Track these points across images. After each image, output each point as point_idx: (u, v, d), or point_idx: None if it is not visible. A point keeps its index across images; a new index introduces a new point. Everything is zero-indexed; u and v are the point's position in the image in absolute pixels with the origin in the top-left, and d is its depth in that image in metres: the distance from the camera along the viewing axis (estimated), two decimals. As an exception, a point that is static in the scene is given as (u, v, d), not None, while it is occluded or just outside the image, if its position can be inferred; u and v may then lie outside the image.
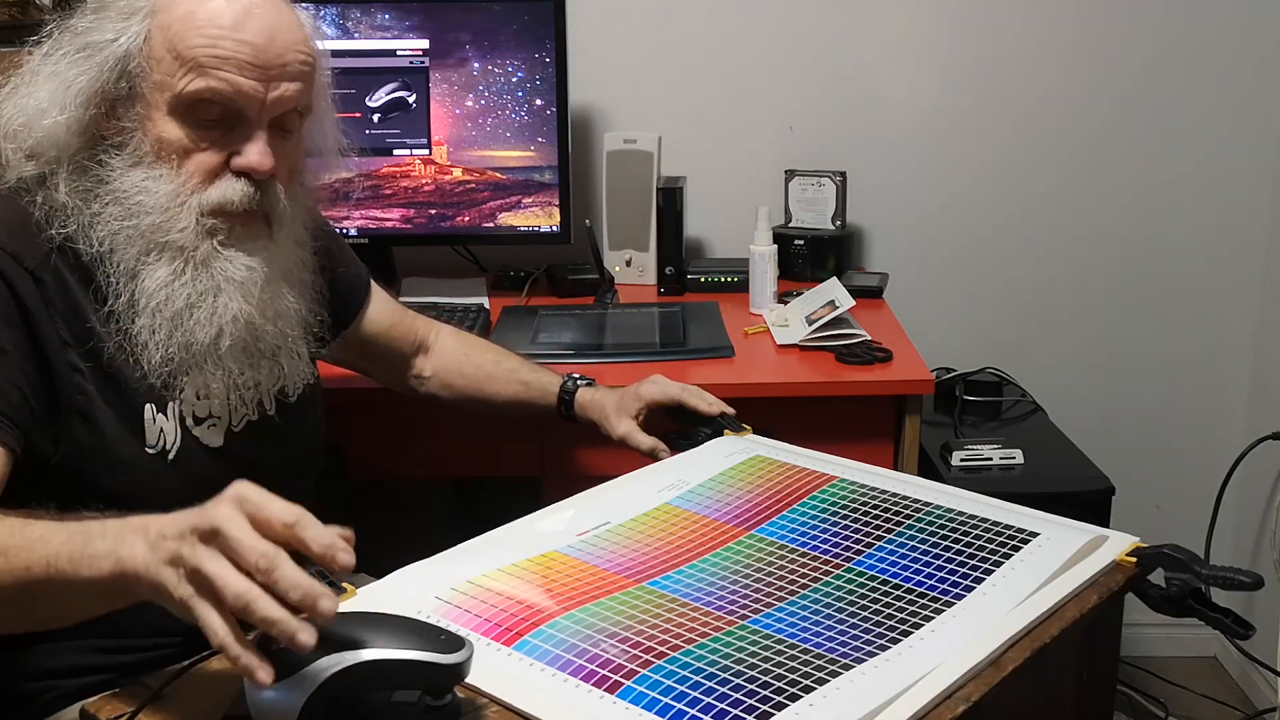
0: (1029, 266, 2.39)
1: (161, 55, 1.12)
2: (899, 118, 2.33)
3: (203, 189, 1.14)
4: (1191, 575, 1.04)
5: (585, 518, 1.19)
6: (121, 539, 0.89)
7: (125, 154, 1.14)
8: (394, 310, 1.57)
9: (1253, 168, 2.34)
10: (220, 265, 1.16)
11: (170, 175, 1.14)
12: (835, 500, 1.20)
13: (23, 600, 0.94)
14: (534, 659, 0.93)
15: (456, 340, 1.63)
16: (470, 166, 2.11)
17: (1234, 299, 2.40)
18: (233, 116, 1.14)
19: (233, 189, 1.15)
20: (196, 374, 1.18)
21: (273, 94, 1.15)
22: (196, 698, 0.91)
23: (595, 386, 1.56)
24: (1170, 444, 2.46)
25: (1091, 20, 2.28)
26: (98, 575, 0.89)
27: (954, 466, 1.91)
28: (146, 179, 1.13)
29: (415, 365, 1.60)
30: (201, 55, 1.11)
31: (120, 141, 1.14)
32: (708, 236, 2.37)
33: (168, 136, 1.13)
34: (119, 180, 1.13)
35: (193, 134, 1.14)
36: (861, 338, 1.85)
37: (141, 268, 1.14)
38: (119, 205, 1.13)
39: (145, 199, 1.13)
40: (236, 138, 1.15)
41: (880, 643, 0.94)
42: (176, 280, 1.14)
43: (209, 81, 1.12)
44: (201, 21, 1.12)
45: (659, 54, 2.30)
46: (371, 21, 2.05)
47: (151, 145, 1.14)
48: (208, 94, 1.12)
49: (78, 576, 0.90)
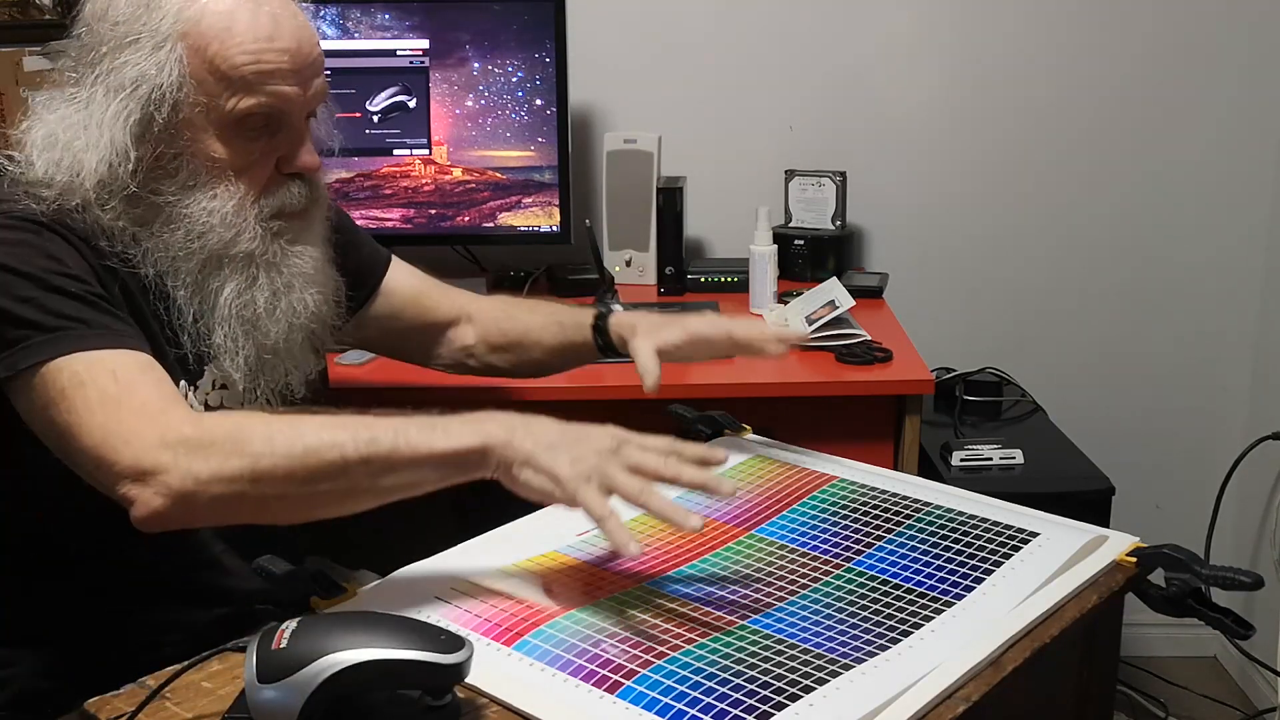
0: (1029, 267, 2.39)
1: (203, 77, 1.13)
2: (899, 118, 2.33)
3: (261, 198, 1.17)
4: (1191, 575, 1.04)
5: (585, 518, 1.18)
6: (481, 420, 1.04)
7: (177, 179, 1.15)
8: (421, 281, 1.52)
9: (1253, 168, 2.34)
10: (292, 261, 1.20)
11: (229, 192, 1.15)
12: (835, 500, 1.20)
13: (355, 474, 1.01)
14: (534, 659, 0.93)
15: (495, 303, 1.57)
16: (470, 166, 2.11)
17: (1234, 299, 2.40)
18: (275, 123, 1.17)
19: (289, 193, 1.19)
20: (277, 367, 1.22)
21: (309, 92, 1.18)
22: (196, 698, 0.91)
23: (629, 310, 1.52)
24: (1170, 444, 2.46)
25: (1091, 21, 2.28)
26: (454, 446, 1.02)
27: (954, 466, 1.91)
28: (208, 200, 1.15)
29: (455, 336, 1.53)
30: (249, 73, 1.12)
31: (171, 169, 1.15)
32: (708, 236, 2.37)
33: (218, 155, 1.15)
34: (177, 206, 1.15)
35: (242, 149, 1.16)
36: (861, 338, 1.85)
37: (210, 280, 1.16)
38: (183, 229, 1.15)
39: (211, 219, 1.15)
40: (281, 141, 1.18)
41: (880, 643, 0.94)
42: (252, 287, 1.17)
43: (259, 98, 1.13)
44: (240, 38, 1.12)
45: (659, 54, 2.30)
46: (371, 21, 2.05)
47: (204, 166, 1.15)
48: (259, 109, 1.14)
49: (432, 447, 1.02)
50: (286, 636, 0.84)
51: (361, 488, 1.03)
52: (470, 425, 1.03)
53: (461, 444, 1.02)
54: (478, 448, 1.02)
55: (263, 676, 0.82)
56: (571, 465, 1.00)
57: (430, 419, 1.03)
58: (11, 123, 1.26)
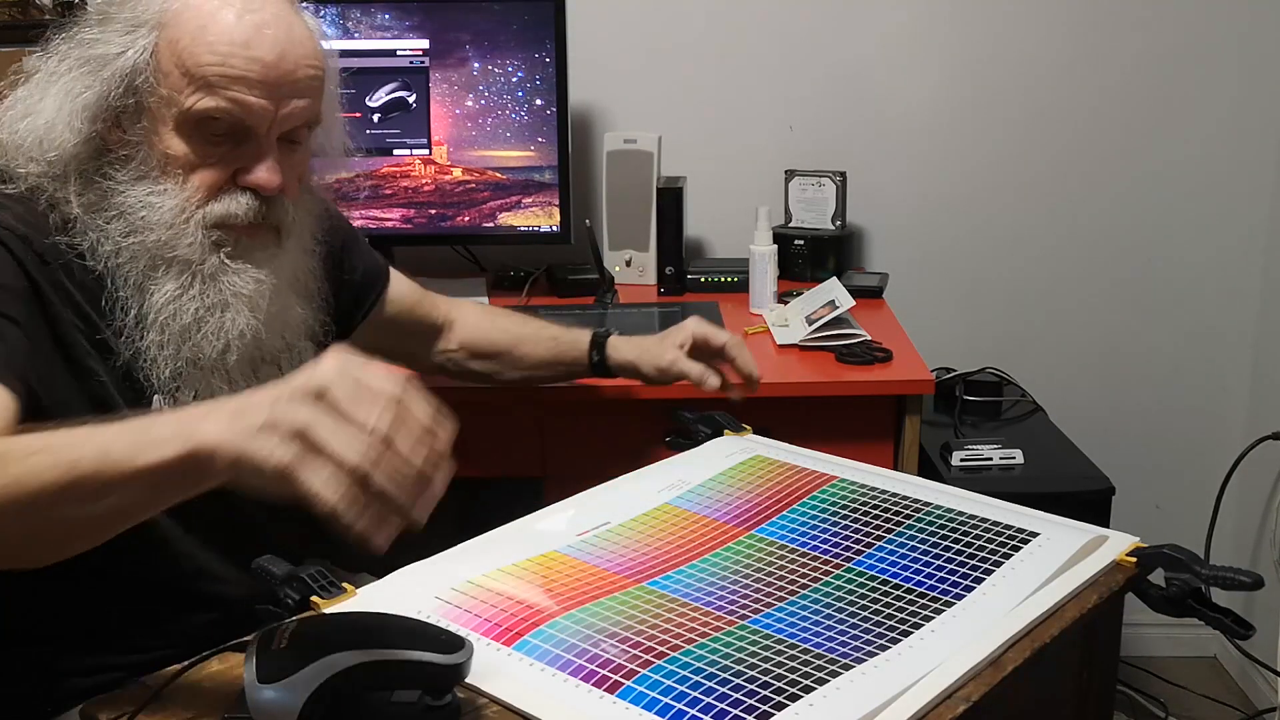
0: (1029, 266, 2.39)
1: (169, 70, 1.11)
2: (899, 118, 2.33)
3: (207, 203, 1.14)
4: (1191, 575, 1.04)
5: (585, 518, 1.19)
6: (189, 419, 0.84)
7: (130, 168, 1.13)
8: (415, 290, 1.55)
9: (1253, 167, 2.34)
10: (229, 279, 1.15)
11: (175, 190, 1.13)
12: (835, 500, 1.20)
13: (62, 507, 0.86)
14: (534, 659, 0.93)
15: (479, 310, 1.62)
16: (470, 166, 2.11)
17: (1234, 298, 2.40)
18: (240, 133, 1.14)
19: (237, 203, 1.15)
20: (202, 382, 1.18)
21: (283, 110, 1.14)
22: (196, 698, 0.91)
23: (624, 337, 1.56)
24: (1170, 444, 2.46)
25: (1090, 20, 2.28)
26: (161, 460, 0.83)
27: (954, 466, 1.91)
28: (150, 194, 1.13)
29: (440, 343, 1.58)
30: (211, 73, 1.10)
31: (126, 155, 1.13)
32: (708, 236, 2.37)
33: (173, 152, 1.13)
34: (123, 195, 1.13)
35: (199, 149, 1.13)
36: (861, 338, 1.85)
37: (149, 283, 1.14)
38: (123, 220, 1.13)
39: (149, 214, 1.12)
40: (244, 153, 1.15)
41: (880, 643, 0.94)
42: (184, 294, 1.14)
43: (217, 100, 1.11)
44: (212, 38, 1.11)
45: (659, 54, 2.30)
46: (371, 21, 2.05)
47: (157, 159, 1.13)
48: (216, 112, 1.11)
49: (136, 465, 0.84)
50: (286, 636, 0.84)
51: (71, 518, 0.88)
52: (181, 428, 0.84)
53: (165, 457, 0.83)
54: (185, 458, 0.83)
55: (263, 676, 0.82)
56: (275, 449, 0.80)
57: (146, 422, 0.86)
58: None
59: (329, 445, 0.79)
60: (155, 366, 1.15)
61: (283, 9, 1.15)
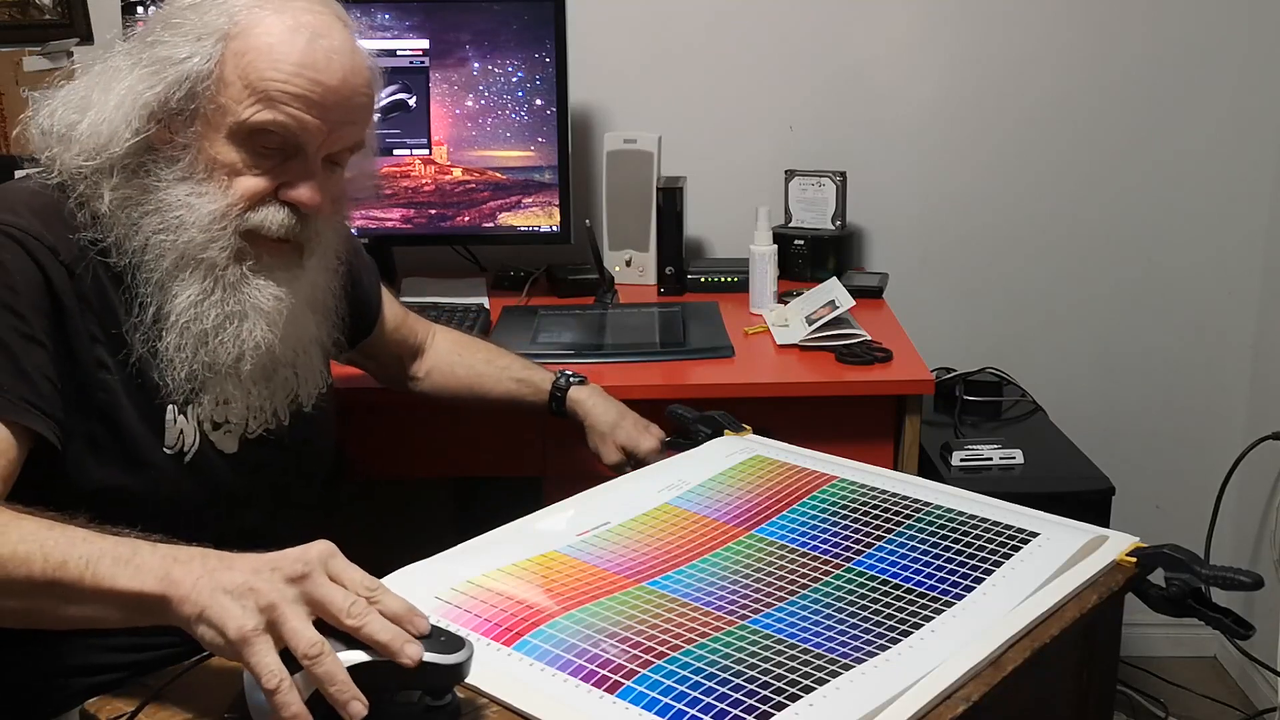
0: (1029, 266, 2.39)
1: (232, 80, 1.13)
2: (899, 117, 2.33)
3: (245, 212, 1.15)
4: (1191, 575, 1.05)
5: (585, 518, 1.19)
6: (175, 559, 0.90)
7: (176, 168, 1.14)
8: (398, 312, 1.59)
9: (1253, 168, 2.34)
10: (249, 292, 1.17)
11: (217, 195, 1.14)
12: (835, 500, 1.20)
13: (38, 596, 0.93)
14: (534, 659, 0.93)
15: (451, 341, 1.64)
16: (470, 166, 2.11)
17: (1234, 299, 2.40)
18: (291, 149, 1.16)
19: (274, 216, 1.16)
20: (217, 387, 1.20)
21: (334, 133, 1.16)
22: (196, 698, 0.91)
23: (588, 386, 1.58)
24: (1170, 444, 2.46)
25: (1091, 20, 2.28)
26: (138, 588, 0.89)
27: (954, 466, 1.91)
28: (192, 195, 1.14)
29: (413, 366, 1.62)
30: (274, 89, 1.12)
31: (173, 156, 1.15)
32: (708, 236, 2.37)
33: (222, 158, 1.14)
34: (164, 192, 1.14)
35: (248, 159, 1.15)
36: (861, 338, 1.85)
37: (173, 282, 1.15)
38: (159, 216, 1.14)
39: (187, 214, 1.14)
40: (290, 169, 1.16)
41: (880, 643, 0.94)
42: (206, 300, 1.15)
43: (275, 115, 1.13)
44: (279, 56, 1.12)
45: (659, 54, 2.30)
46: (371, 21, 2.04)
47: (204, 163, 1.14)
48: (272, 125, 1.13)
49: (114, 584, 0.90)
50: (287, 636, 0.84)
51: (43, 611, 0.95)
52: (163, 564, 0.90)
53: (142, 588, 0.90)
54: (157, 595, 0.89)
55: (263, 677, 0.82)
56: (241, 616, 0.84)
57: (135, 546, 0.92)
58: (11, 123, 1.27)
59: (288, 626, 0.83)
60: (171, 367, 1.16)
61: (347, 36, 1.18)
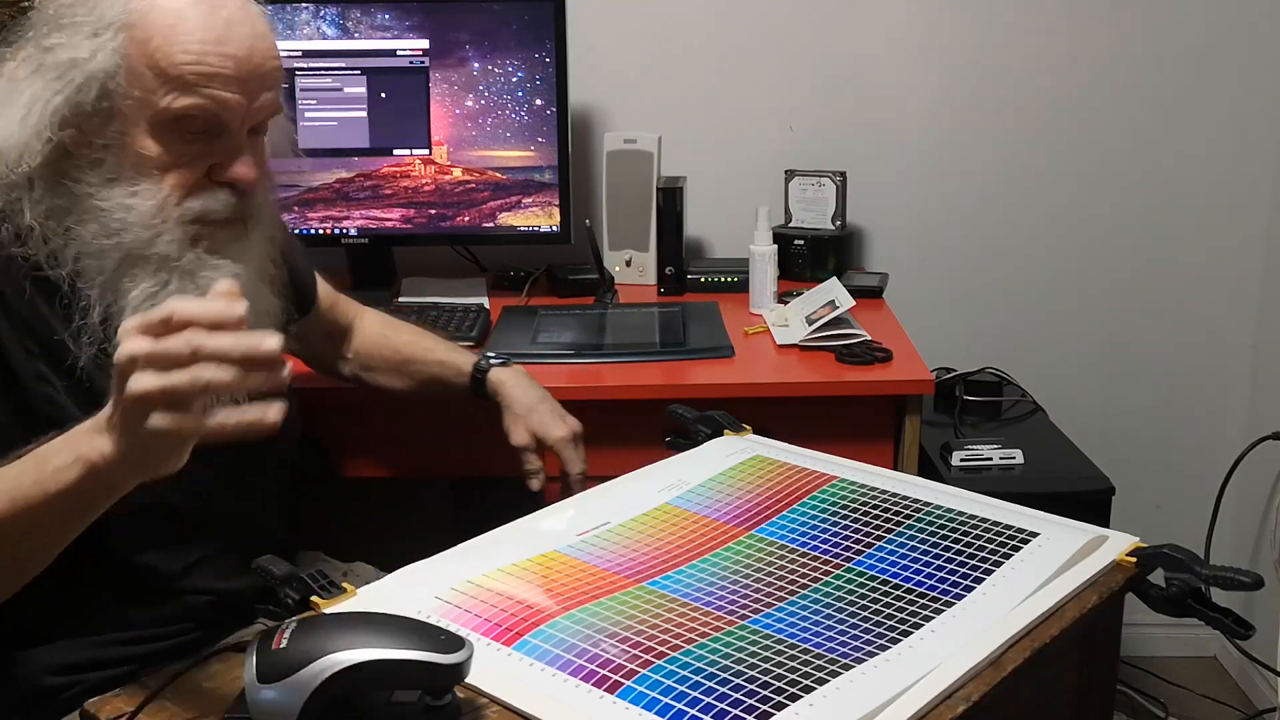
0: (1029, 266, 2.39)
1: (141, 71, 1.09)
2: (899, 117, 2.33)
3: (183, 201, 1.13)
4: (1191, 575, 1.04)
5: (585, 518, 1.19)
6: (76, 441, 0.93)
7: (101, 171, 1.11)
8: (331, 294, 1.58)
9: (1253, 168, 2.34)
10: (206, 274, 1.14)
11: (152, 190, 1.11)
12: (835, 500, 1.20)
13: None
14: (534, 659, 0.93)
15: (377, 321, 1.63)
16: (470, 166, 2.11)
17: (1234, 299, 2.40)
18: (215, 129, 1.13)
19: (215, 199, 1.14)
20: None
21: (254, 104, 1.14)
22: (196, 698, 0.91)
23: (510, 368, 1.55)
24: (1170, 444, 2.46)
25: (1091, 21, 2.28)
26: (67, 485, 0.93)
27: (954, 466, 1.91)
28: (127, 196, 1.11)
29: (343, 346, 1.60)
30: (188, 73, 1.09)
31: (96, 159, 1.11)
32: (708, 236, 2.37)
33: (148, 153, 1.11)
34: (96, 198, 1.11)
35: (174, 148, 1.12)
36: (861, 338, 1.85)
37: (121, 281, 1.12)
38: (98, 223, 1.11)
39: (128, 216, 1.11)
40: (218, 149, 1.14)
41: (880, 643, 0.94)
42: (161, 292, 1.12)
43: (196, 99, 1.10)
44: (184, 37, 1.09)
45: (659, 54, 2.30)
46: (371, 21, 2.05)
47: (131, 161, 1.11)
48: (194, 110, 1.10)
49: (48, 496, 0.94)
50: (286, 636, 0.84)
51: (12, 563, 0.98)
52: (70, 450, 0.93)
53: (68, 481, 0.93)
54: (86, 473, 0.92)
55: (263, 676, 0.82)
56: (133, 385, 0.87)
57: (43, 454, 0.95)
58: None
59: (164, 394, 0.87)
60: None
61: (242, 2, 1.14)
